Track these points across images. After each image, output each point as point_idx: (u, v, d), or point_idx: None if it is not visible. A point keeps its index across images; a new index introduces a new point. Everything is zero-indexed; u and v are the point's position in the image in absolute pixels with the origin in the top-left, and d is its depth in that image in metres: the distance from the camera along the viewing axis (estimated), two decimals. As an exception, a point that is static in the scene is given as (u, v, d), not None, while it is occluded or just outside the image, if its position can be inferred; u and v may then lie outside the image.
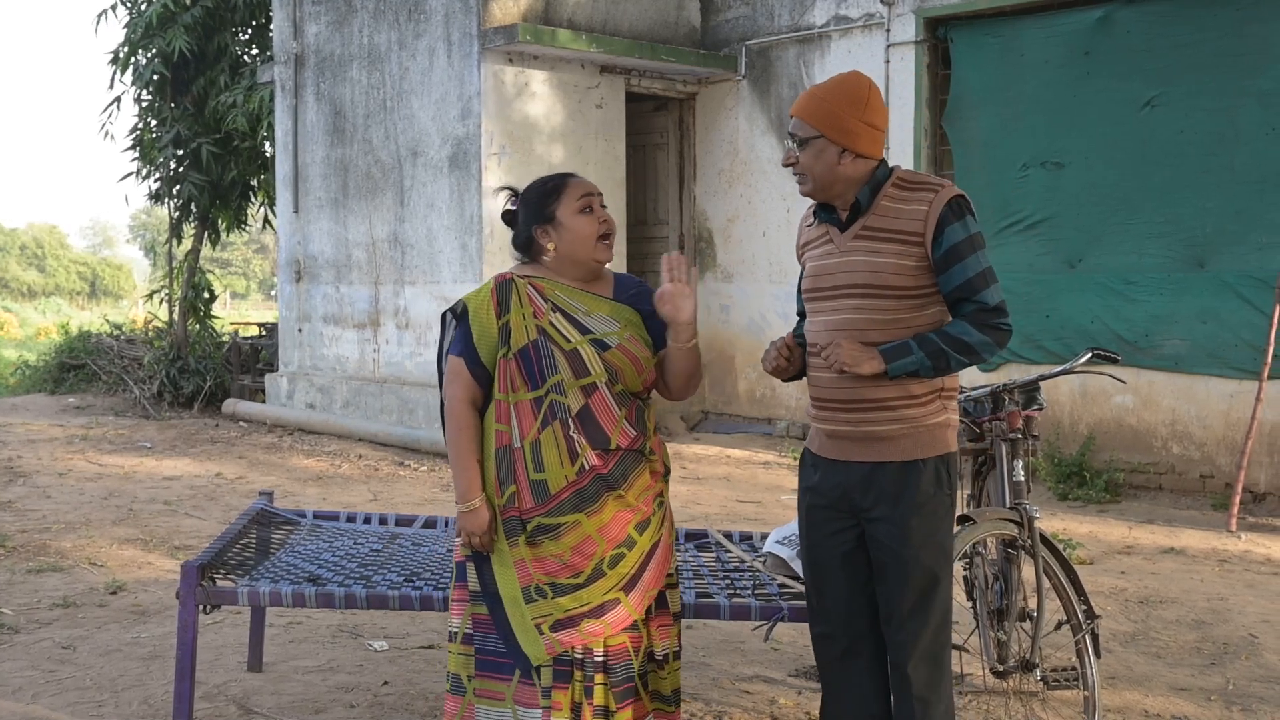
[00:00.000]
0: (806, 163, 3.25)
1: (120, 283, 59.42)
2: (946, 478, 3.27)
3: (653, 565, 3.32)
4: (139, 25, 14.45)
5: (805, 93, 3.31)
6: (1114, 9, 9.04)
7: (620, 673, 3.26)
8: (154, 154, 14.86)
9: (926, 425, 3.24)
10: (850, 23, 10.70)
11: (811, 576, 3.42)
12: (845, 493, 3.29)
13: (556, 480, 3.24)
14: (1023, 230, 9.51)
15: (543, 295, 3.34)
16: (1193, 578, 6.57)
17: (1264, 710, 4.59)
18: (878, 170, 3.25)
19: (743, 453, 10.56)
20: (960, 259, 3.16)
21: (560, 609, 3.23)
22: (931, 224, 3.17)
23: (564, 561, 3.24)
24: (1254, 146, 8.36)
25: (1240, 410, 8.37)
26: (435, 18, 10.95)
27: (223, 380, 14.16)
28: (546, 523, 3.24)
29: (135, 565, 6.70)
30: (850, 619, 3.34)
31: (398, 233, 11.51)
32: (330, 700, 4.61)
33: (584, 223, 3.34)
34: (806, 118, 3.24)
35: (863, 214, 3.25)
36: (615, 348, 3.32)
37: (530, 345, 3.30)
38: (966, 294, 3.18)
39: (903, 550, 3.21)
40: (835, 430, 3.30)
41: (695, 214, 12.19)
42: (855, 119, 3.21)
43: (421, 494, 8.95)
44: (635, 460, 3.30)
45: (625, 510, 3.27)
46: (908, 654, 3.23)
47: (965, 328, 3.17)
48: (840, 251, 3.27)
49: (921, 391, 3.23)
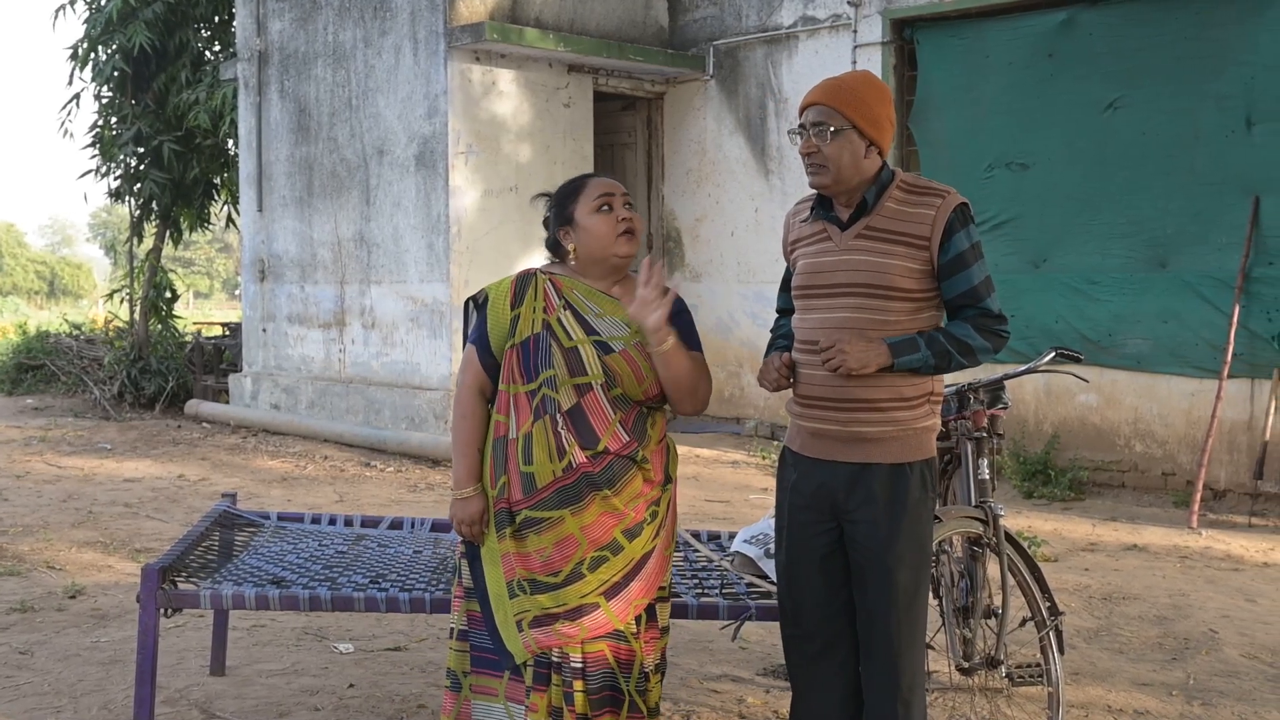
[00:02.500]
0: (832, 154, 3.18)
1: (80, 282, 58.89)
2: (931, 482, 3.27)
3: (642, 576, 3.27)
4: (99, 20, 14.30)
5: (830, 82, 3.24)
6: (1077, 12, 9.10)
7: (597, 680, 3.23)
8: (114, 151, 14.70)
9: (914, 429, 3.23)
10: (818, 23, 10.73)
11: (788, 577, 3.39)
12: (827, 493, 3.26)
13: (543, 474, 3.23)
14: (988, 230, 9.55)
15: (559, 292, 3.34)
16: (1155, 574, 6.62)
17: (1224, 704, 4.63)
18: (882, 171, 3.25)
19: (711, 452, 10.57)
20: (966, 266, 3.18)
21: (539, 606, 3.21)
22: (939, 230, 3.17)
23: (545, 558, 3.22)
24: (1213, 148, 8.44)
25: (1201, 409, 8.45)
26: (401, 15, 10.89)
27: (185, 381, 14.04)
28: (533, 516, 3.24)
29: (95, 568, 6.62)
30: (826, 620, 3.32)
31: (363, 232, 11.45)
32: (295, 703, 4.57)
33: (601, 221, 3.31)
34: (840, 106, 3.17)
35: (867, 213, 3.23)
36: (619, 352, 3.29)
37: (531, 338, 3.30)
38: (970, 300, 3.20)
39: (887, 554, 3.18)
40: (822, 429, 3.27)
41: (663, 214, 12.20)
42: (885, 114, 3.20)
43: (388, 495, 8.90)
44: (626, 466, 3.26)
45: (610, 514, 3.24)
46: (892, 657, 3.21)
47: (969, 331, 3.19)
48: (840, 249, 3.24)
49: (913, 395, 3.22)
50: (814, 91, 3.24)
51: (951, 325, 3.21)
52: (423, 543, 4.73)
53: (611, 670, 3.23)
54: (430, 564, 4.39)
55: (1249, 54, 8.26)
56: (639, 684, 3.26)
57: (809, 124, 3.22)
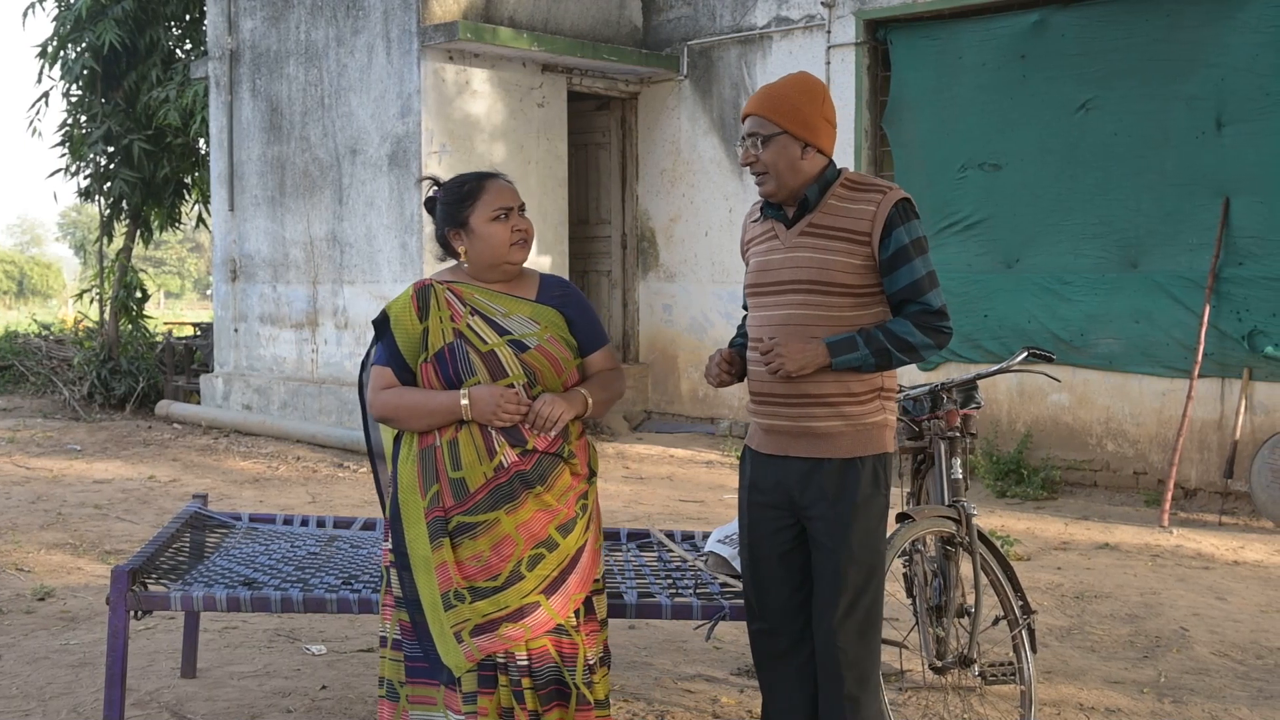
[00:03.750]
0: (769, 160, 3.24)
1: (49, 282, 58.36)
2: (884, 478, 3.29)
3: (578, 570, 3.28)
4: (68, 18, 14.20)
5: (761, 91, 3.30)
6: (1049, 13, 9.15)
7: (543, 675, 3.23)
8: (84, 150, 14.59)
9: (865, 424, 3.25)
10: (791, 24, 10.74)
11: (752, 574, 3.41)
12: (784, 489, 3.30)
13: (474, 478, 3.22)
14: (961, 231, 9.60)
15: (461, 299, 3.33)
16: (1126, 573, 6.66)
17: (1194, 701, 4.66)
18: (827, 170, 3.28)
19: (685, 452, 10.57)
20: (907, 261, 3.20)
21: (479, 614, 3.18)
22: (879, 225, 3.20)
23: (482, 563, 3.20)
24: (1184, 149, 8.50)
25: (1172, 408, 8.51)
26: (374, 14, 10.85)
27: (156, 381, 13.94)
28: (466, 521, 3.22)
29: (64, 570, 6.57)
30: (791, 617, 3.35)
31: (336, 231, 11.40)
32: (266, 705, 4.54)
33: (497, 230, 3.32)
34: (769, 114, 3.24)
35: (810, 211, 3.27)
36: (534, 348, 3.31)
37: (446, 348, 3.29)
38: (912, 295, 3.22)
39: (839, 550, 3.21)
40: (775, 425, 3.31)
41: (637, 213, 12.19)
42: (816, 114, 3.24)
43: (361, 495, 8.86)
44: (555, 463, 3.27)
45: (545, 510, 3.24)
46: (838, 653, 3.23)
47: (909, 328, 3.20)
48: (785, 247, 3.29)
49: (861, 390, 3.25)
50: (749, 102, 3.31)
51: (892, 323, 3.23)
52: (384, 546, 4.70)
53: (556, 665, 3.24)
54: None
55: (1219, 56, 8.32)
56: (584, 676, 3.26)
57: (745, 134, 3.29)
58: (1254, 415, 8.16)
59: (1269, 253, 8.09)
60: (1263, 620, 5.77)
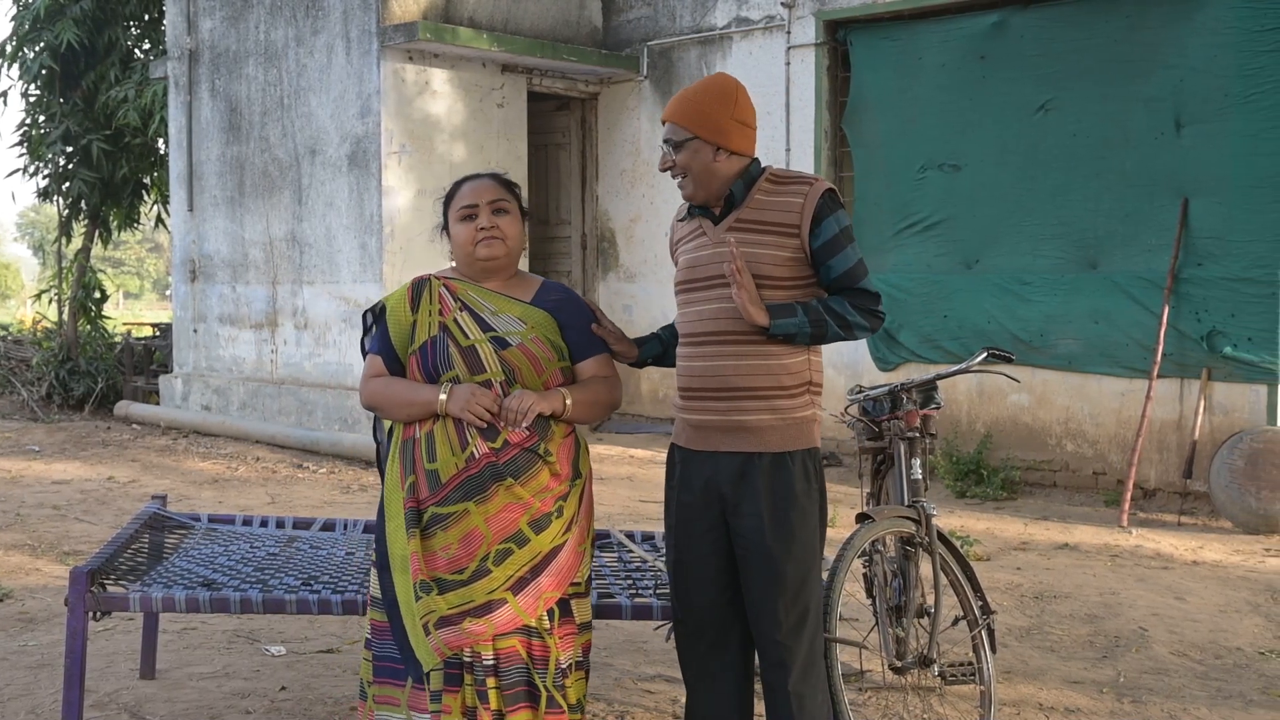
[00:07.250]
0: (684, 164, 3.32)
1: (7, 282, 57.64)
2: (815, 472, 3.32)
3: (551, 570, 3.25)
4: (26, 17, 14.09)
5: (676, 97, 3.38)
6: (1009, 14, 9.21)
7: (511, 676, 3.21)
8: (42, 150, 14.47)
9: (795, 418, 3.29)
10: (751, 24, 10.77)
11: (678, 574, 3.41)
12: (714, 487, 3.31)
13: (447, 469, 3.24)
14: (921, 231, 9.65)
15: (454, 295, 3.40)
16: (1086, 573, 6.71)
17: (1153, 701, 4.70)
18: (750, 167, 3.34)
19: (646, 452, 10.57)
20: (840, 249, 3.27)
21: (446, 604, 3.18)
22: (808, 216, 3.25)
23: (450, 556, 3.20)
24: (1143, 150, 8.57)
25: (1131, 408, 8.58)
26: (333, 14, 10.79)
27: (115, 382, 13.83)
28: (438, 512, 3.23)
29: (22, 571, 6.50)
30: (715, 616, 3.36)
31: (296, 232, 11.33)
32: (226, 707, 4.51)
33: (463, 230, 3.41)
34: (679, 120, 3.32)
35: (736, 207, 3.32)
36: (515, 346, 3.33)
37: (429, 341, 3.35)
38: (848, 283, 3.28)
39: (774, 546, 3.22)
40: (704, 420, 3.33)
41: (597, 214, 12.19)
42: (726, 117, 3.29)
43: (320, 496, 8.81)
44: (530, 459, 3.26)
45: (516, 503, 3.23)
46: (781, 651, 3.25)
47: (847, 307, 3.26)
48: (714, 243, 3.33)
49: (791, 383, 3.28)
50: (665, 108, 3.38)
51: (829, 299, 3.29)
52: (355, 544, 4.69)
53: (525, 666, 3.22)
54: (363, 566, 4.34)
55: (1178, 57, 8.40)
56: (555, 680, 3.24)
57: (662, 140, 3.39)
58: (1213, 415, 8.23)
59: (1228, 253, 8.17)
60: (1221, 620, 5.82)
